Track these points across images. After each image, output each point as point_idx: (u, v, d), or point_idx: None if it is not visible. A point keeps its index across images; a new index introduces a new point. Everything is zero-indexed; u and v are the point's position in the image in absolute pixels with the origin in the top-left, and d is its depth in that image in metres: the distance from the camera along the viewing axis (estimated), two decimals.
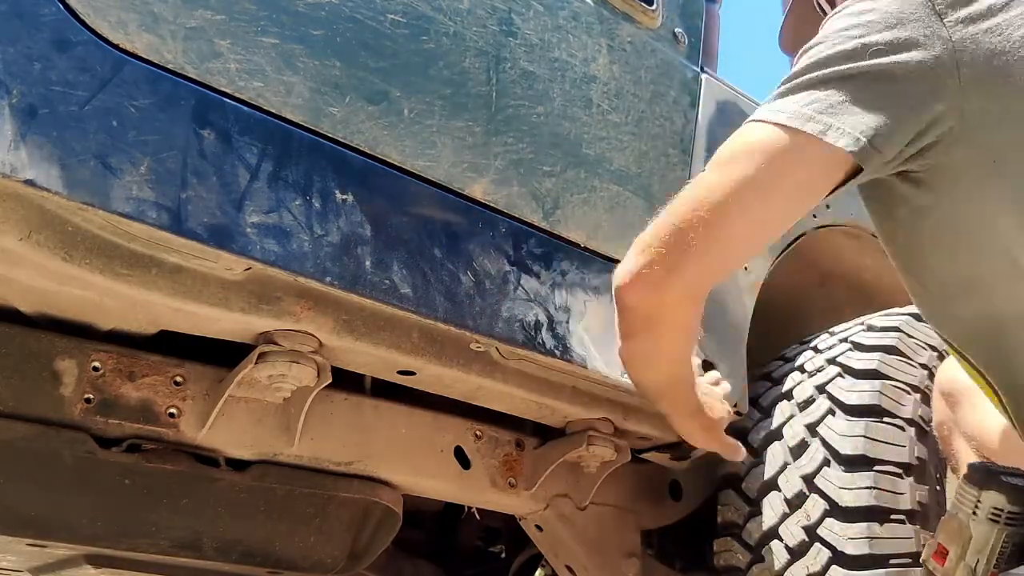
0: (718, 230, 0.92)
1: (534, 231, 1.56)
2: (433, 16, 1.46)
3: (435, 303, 1.40)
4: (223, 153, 1.22)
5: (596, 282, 1.63)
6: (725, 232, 0.93)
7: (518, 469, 1.88)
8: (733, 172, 0.92)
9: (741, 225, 0.93)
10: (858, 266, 2.33)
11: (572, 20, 1.67)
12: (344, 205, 1.32)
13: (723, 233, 0.93)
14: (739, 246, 0.96)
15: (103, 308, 1.38)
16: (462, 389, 1.66)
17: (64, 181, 1.08)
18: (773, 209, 0.94)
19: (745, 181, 0.92)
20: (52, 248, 1.17)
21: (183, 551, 1.64)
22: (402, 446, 1.74)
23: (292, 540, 1.73)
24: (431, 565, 2.51)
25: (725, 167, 0.94)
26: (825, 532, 1.70)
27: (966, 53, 0.89)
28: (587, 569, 2.02)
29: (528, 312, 1.51)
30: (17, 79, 1.06)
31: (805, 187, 0.94)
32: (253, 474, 1.62)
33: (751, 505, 1.86)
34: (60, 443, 1.43)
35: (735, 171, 0.92)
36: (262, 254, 1.23)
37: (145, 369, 1.48)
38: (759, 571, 1.79)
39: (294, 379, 1.43)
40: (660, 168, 1.77)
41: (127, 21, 1.16)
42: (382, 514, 1.81)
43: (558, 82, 1.62)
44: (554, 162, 1.59)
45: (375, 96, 1.38)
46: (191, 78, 1.20)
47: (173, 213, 1.16)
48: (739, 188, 0.92)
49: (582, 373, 1.59)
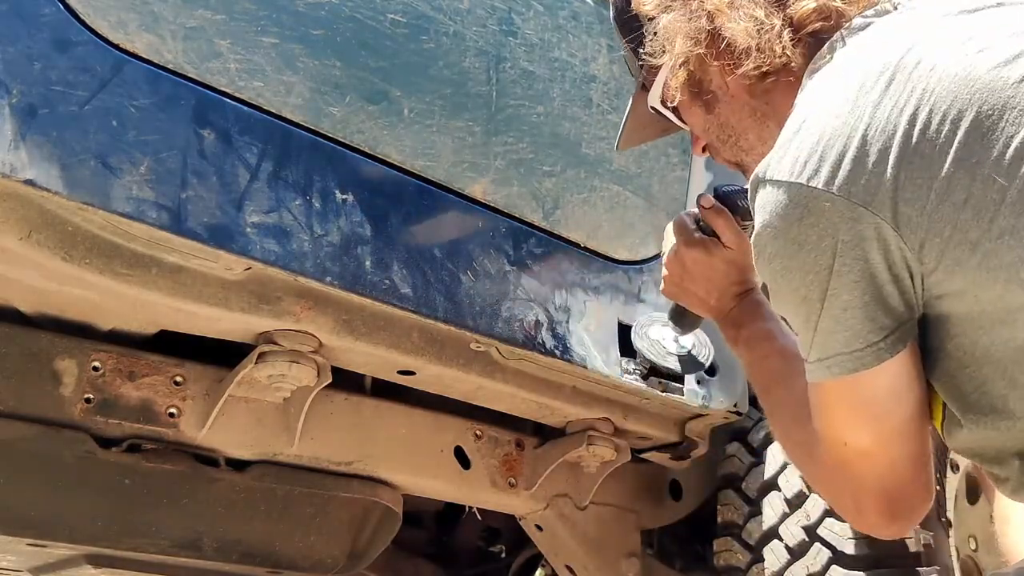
0: (884, 468, 0.94)
1: (534, 231, 1.56)
2: (433, 16, 1.46)
3: (435, 303, 1.40)
4: (223, 153, 1.22)
5: (596, 282, 1.63)
6: (890, 465, 0.94)
7: (518, 469, 1.88)
8: (852, 430, 0.94)
9: (893, 459, 0.94)
10: None
11: (572, 20, 1.67)
12: (344, 205, 1.32)
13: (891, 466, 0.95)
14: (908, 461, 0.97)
15: (103, 308, 1.38)
16: (462, 389, 1.65)
17: (64, 181, 1.08)
18: (908, 424, 0.94)
19: (869, 430, 0.93)
20: (52, 248, 1.17)
21: (183, 551, 1.64)
22: (402, 446, 1.74)
23: (292, 540, 1.73)
24: (431, 565, 2.51)
25: (844, 429, 0.95)
26: (825, 532, 1.70)
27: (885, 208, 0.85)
28: (587, 569, 2.02)
29: (528, 312, 1.51)
30: (17, 79, 1.06)
31: (907, 394, 0.93)
32: (253, 474, 1.62)
33: (751, 505, 1.86)
34: (60, 443, 1.43)
35: (852, 429, 0.94)
36: (262, 254, 1.23)
37: (145, 369, 1.48)
38: (759, 571, 1.79)
39: (294, 379, 1.43)
40: (660, 168, 1.77)
41: (127, 21, 1.16)
42: (382, 514, 1.81)
43: (558, 82, 1.62)
44: (554, 162, 1.59)
45: (375, 96, 1.38)
46: (191, 78, 1.20)
47: (173, 213, 1.16)
48: (872, 437, 0.93)
49: (582, 373, 1.59)
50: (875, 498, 0.95)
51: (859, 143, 0.84)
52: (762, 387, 1.16)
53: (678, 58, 1.07)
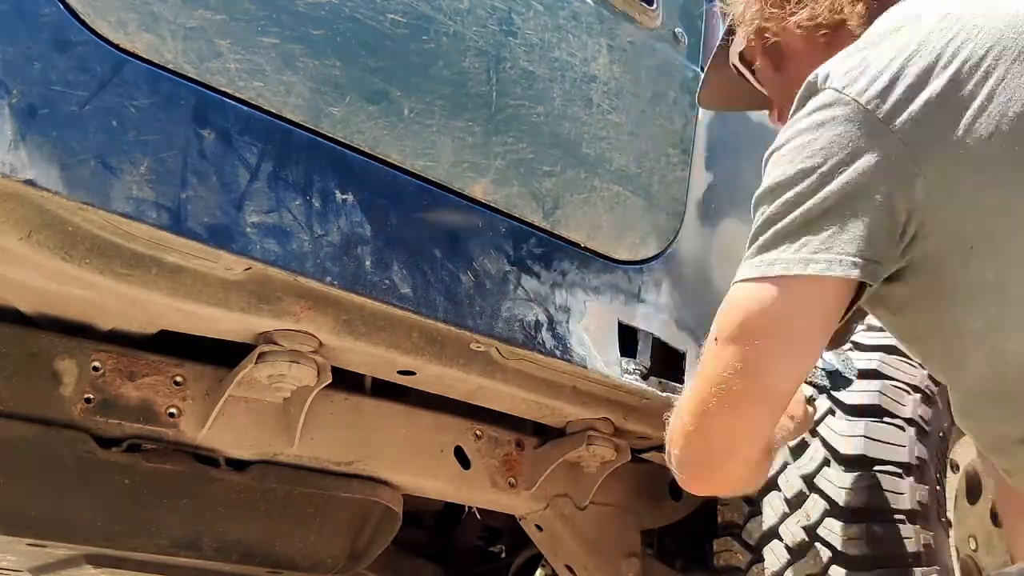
0: (750, 404, 0.94)
1: (534, 231, 1.56)
2: (433, 16, 1.46)
3: (435, 303, 1.40)
4: (223, 153, 1.22)
5: (596, 282, 1.63)
6: (756, 404, 0.94)
7: (518, 469, 1.88)
8: (750, 341, 0.93)
9: (768, 392, 0.95)
10: None
11: (572, 20, 1.67)
12: (344, 205, 1.32)
13: (754, 406, 0.94)
14: (774, 406, 0.98)
15: (103, 308, 1.38)
16: (462, 389, 1.65)
17: (64, 181, 1.08)
18: (798, 359, 0.96)
19: (765, 347, 0.93)
20: (52, 248, 1.17)
21: (183, 551, 1.64)
22: (402, 446, 1.74)
23: (292, 540, 1.73)
24: (431, 565, 2.51)
25: (738, 341, 0.94)
26: (825, 532, 1.70)
27: (920, 148, 0.90)
28: (587, 569, 2.02)
29: (528, 312, 1.51)
30: (17, 79, 1.06)
31: (821, 326, 0.95)
32: (253, 474, 1.62)
33: (751, 505, 1.86)
34: (60, 443, 1.43)
35: (750, 340, 0.93)
36: (262, 254, 1.23)
37: (145, 369, 1.48)
38: (759, 571, 1.79)
39: (294, 379, 1.43)
40: (660, 168, 1.77)
41: (127, 21, 1.16)
42: (382, 514, 1.81)
43: (558, 82, 1.62)
44: (554, 162, 1.59)
45: (375, 96, 1.38)
46: (191, 78, 1.20)
47: (173, 213, 1.16)
48: (763, 356, 0.93)
49: (582, 373, 1.59)
50: (704, 445, 0.96)
51: (908, 68, 0.90)
52: None
53: (746, 10, 1.11)
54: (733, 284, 0.99)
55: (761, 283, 0.94)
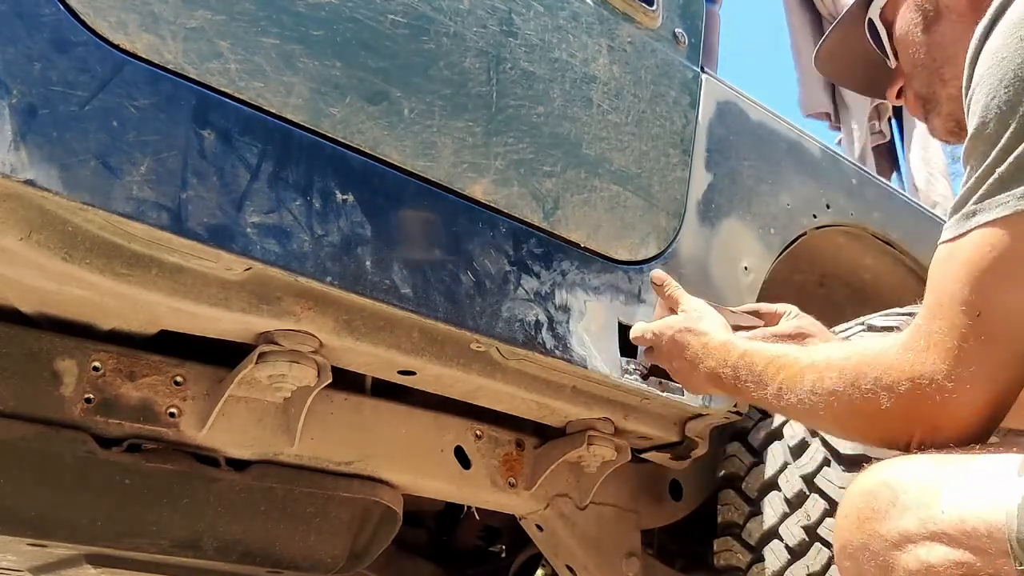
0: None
1: (534, 231, 1.56)
2: (433, 16, 1.46)
3: (435, 303, 1.40)
4: (223, 153, 1.22)
5: (596, 282, 1.63)
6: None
7: (518, 469, 1.88)
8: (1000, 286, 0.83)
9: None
10: (858, 266, 2.33)
11: (572, 20, 1.67)
12: (344, 205, 1.32)
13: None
14: None
15: (103, 308, 1.38)
16: (462, 389, 1.66)
17: (64, 181, 1.08)
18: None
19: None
20: (52, 248, 1.17)
21: (183, 551, 1.64)
22: (402, 446, 1.74)
23: (292, 540, 1.73)
24: (431, 565, 2.51)
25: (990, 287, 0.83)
26: (825, 532, 1.70)
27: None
28: (587, 569, 2.02)
29: (528, 312, 1.51)
30: (17, 79, 1.06)
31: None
32: (253, 474, 1.62)
33: (751, 505, 1.86)
34: (60, 443, 1.43)
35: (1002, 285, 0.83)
36: (262, 254, 1.23)
37: (145, 369, 1.48)
38: (759, 571, 1.79)
39: (294, 379, 1.43)
40: (660, 168, 1.77)
41: (127, 21, 1.16)
42: (382, 514, 1.81)
43: (558, 82, 1.62)
44: (554, 162, 1.59)
45: (375, 96, 1.38)
46: (191, 78, 1.20)
47: (173, 213, 1.16)
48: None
49: (582, 373, 1.59)
50: (964, 407, 0.84)
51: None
52: (782, 382, 1.08)
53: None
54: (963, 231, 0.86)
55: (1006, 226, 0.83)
